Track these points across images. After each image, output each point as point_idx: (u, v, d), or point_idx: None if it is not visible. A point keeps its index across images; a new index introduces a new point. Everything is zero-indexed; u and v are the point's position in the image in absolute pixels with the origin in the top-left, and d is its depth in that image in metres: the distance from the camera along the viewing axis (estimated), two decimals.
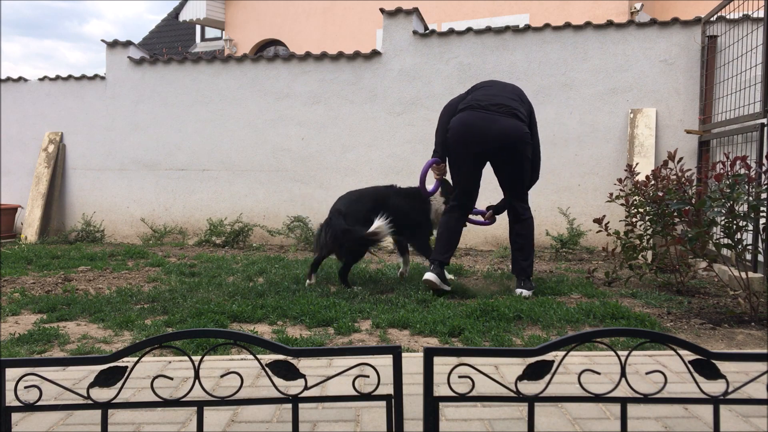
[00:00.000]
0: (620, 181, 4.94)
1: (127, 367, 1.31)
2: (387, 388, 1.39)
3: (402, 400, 1.29)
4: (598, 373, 1.51)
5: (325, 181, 7.44)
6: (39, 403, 1.33)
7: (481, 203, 4.64)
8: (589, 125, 6.72)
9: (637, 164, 5.66)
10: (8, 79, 8.59)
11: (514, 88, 4.32)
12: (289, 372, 1.31)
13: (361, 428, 1.96)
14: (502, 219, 6.89)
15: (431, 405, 1.28)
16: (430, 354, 1.27)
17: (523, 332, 3.21)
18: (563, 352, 1.35)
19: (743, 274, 3.66)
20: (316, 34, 13.63)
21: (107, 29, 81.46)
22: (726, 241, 3.61)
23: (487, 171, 4.27)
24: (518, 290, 4.11)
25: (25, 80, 8.55)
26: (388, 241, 5.31)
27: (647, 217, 4.42)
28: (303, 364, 2.55)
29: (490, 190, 4.95)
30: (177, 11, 16.94)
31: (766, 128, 4.64)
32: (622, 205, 4.73)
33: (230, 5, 14.94)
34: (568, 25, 6.80)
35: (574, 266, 5.58)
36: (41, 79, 8.49)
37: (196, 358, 1.37)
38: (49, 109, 8.41)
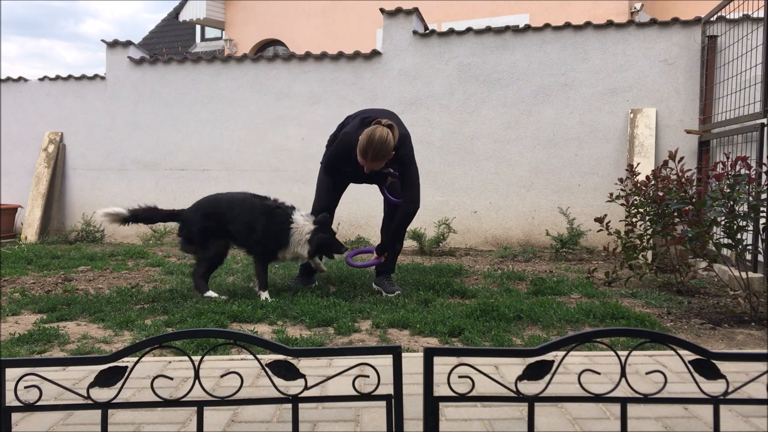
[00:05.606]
0: (621, 180, 4.94)
1: (127, 367, 1.31)
2: (387, 388, 1.39)
3: (402, 400, 1.29)
4: (598, 373, 1.50)
5: None
6: (39, 403, 1.33)
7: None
8: (589, 125, 6.72)
9: (638, 164, 5.66)
10: (8, 79, 8.59)
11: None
12: (289, 372, 1.31)
13: (361, 428, 1.95)
14: (505, 218, 6.92)
15: (431, 405, 1.28)
16: (430, 354, 1.27)
17: (523, 332, 3.21)
18: (563, 352, 1.35)
19: (743, 274, 3.66)
20: (316, 34, 13.62)
21: (103, 28, 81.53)
22: (726, 241, 3.61)
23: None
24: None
25: (26, 80, 8.55)
26: None
27: (647, 217, 4.42)
28: (303, 364, 2.55)
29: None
30: (177, 11, 16.94)
31: (766, 128, 4.64)
32: (622, 205, 4.73)
33: (230, 5, 14.94)
34: (568, 25, 6.80)
35: (574, 266, 5.58)
36: (41, 79, 8.49)
37: (196, 358, 1.37)
38: (49, 109, 8.40)
